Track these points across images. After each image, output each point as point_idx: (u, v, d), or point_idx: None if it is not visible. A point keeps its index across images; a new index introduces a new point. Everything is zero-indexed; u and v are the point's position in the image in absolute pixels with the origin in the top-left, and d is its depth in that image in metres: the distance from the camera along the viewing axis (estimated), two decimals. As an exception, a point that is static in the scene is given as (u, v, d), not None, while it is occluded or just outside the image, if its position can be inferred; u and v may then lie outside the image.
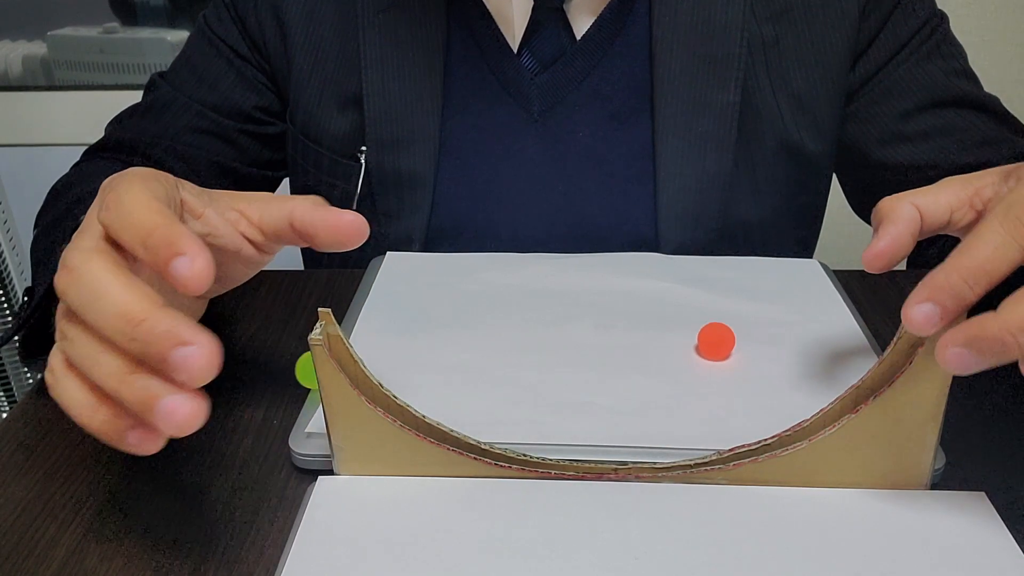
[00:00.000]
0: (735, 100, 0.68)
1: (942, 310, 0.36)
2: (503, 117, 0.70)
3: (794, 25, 0.68)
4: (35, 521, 0.43)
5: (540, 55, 0.69)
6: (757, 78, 0.69)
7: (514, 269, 0.63)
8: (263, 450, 0.48)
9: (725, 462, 0.42)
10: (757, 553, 0.38)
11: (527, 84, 0.69)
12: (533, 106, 0.70)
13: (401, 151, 0.70)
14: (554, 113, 0.70)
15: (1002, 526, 0.40)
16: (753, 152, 0.70)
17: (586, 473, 0.43)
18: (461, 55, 0.70)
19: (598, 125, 0.70)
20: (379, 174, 0.71)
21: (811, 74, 0.69)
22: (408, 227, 0.72)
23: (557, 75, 0.69)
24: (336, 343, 0.41)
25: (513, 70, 0.69)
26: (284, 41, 0.72)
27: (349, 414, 0.42)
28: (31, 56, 1.51)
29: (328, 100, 0.72)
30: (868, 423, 0.40)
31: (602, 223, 0.71)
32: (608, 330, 0.55)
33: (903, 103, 0.70)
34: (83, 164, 0.73)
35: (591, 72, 0.69)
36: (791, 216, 0.75)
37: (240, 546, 0.41)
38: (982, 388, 0.52)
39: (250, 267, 0.47)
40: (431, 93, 0.69)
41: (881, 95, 0.70)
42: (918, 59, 0.69)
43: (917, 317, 0.36)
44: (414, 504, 0.41)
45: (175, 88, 0.75)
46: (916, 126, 0.70)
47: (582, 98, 0.70)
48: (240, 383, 0.54)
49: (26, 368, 1.35)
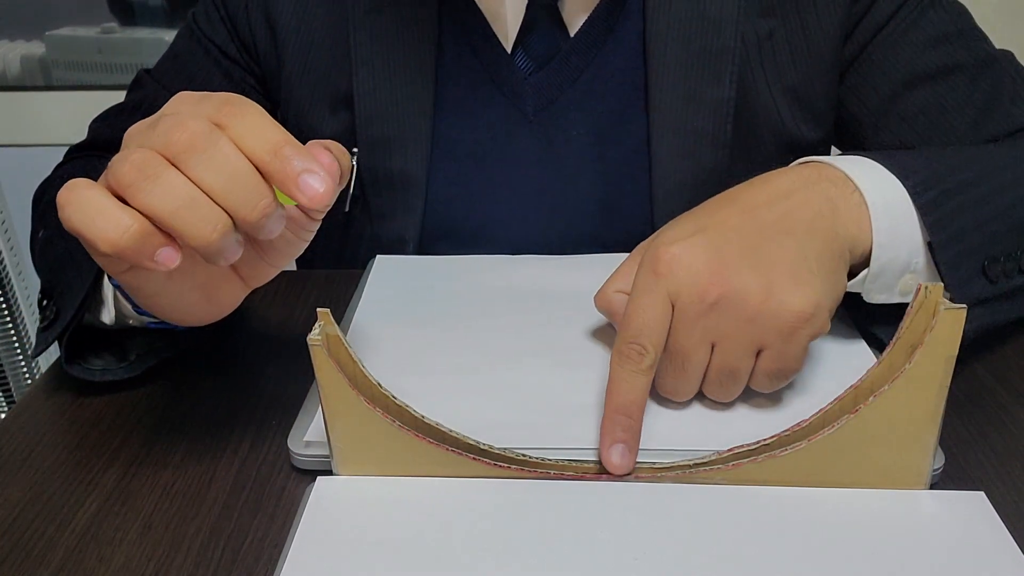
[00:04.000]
0: (730, 95, 0.67)
1: (623, 444, 0.43)
2: (497, 117, 0.70)
3: (787, 17, 0.68)
4: (34, 521, 0.43)
5: (534, 54, 0.69)
6: (753, 74, 0.68)
7: (506, 271, 0.63)
8: (263, 450, 0.48)
9: (725, 462, 0.42)
10: (757, 553, 0.38)
11: (521, 83, 0.69)
12: (527, 105, 0.69)
13: (393, 151, 0.70)
14: (548, 112, 0.70)
15: (1002, 526, 0.40)
16: (749, 148, 0.69)
17: (586, 473, 0.43)
18: (454, 55, 0.69)
19: (593, 123, 0.70)
20: (371, 175, 0.71)
21: (806, 65, 0.69)
22: (402, 227, 0.71)
23: (551, 74, 0.69)
24: (335, 343, 0.41)
25: (507, 69, 0.69)
26: (275, 42, 0.71)
27: (348, 414, 0.42)
28: (29, 56, 1.51)
29: (319, 101, 0.71)
30: (868, 423, 0.40)
31: (597, 221, 0.71)
32: (604, 331, 0.55)
33: (890, 79, 0.68)
34: (66, 166, 0.73)
35: (585, 70, 0.69)
36: None
37: (240, 546, 0.41)
38: (982, 388, 0.52)
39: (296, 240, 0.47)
40: (423, 93, 0.69)
41: (869, 72, 0.69)
42: (901, 31, 0.68)
43: (614, 459, 0.43)
44: (413, 504, 0.41)
45: (163, 86, 0.74)
46: (905, 105, 0.68)
47: (576, 96, 0.69)
48: (239, 383, 0.54)
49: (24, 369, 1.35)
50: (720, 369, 0.45)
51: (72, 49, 1.51)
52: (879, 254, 0.48)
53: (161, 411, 0.51)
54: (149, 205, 0.37)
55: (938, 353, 0.39)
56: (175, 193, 0.37)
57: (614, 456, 0.43)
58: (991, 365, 0.54)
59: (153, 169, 0.37)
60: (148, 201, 0.37)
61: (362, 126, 0.70)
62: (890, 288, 0.50)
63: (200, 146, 0.38)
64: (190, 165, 0.38)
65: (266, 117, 0.39)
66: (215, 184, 0.38)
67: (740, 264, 0.44)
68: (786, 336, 0.44)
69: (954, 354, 0.39)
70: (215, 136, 0.38)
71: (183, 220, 0.37)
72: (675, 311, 0.44)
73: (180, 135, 0.38)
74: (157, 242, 0.38)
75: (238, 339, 0.59)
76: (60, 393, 0.53)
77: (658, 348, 0.44)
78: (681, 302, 0.44)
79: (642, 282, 0.45)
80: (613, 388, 0.44)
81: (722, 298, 0.44)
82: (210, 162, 0.38)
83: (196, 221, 0.37)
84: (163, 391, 0.53)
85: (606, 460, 0.43)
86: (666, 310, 0.44)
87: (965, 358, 0.41)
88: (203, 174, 0.38)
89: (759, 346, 0.45)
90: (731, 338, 0.44)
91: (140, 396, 0.53)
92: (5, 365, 1.33)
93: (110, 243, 0.37)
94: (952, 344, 0.39)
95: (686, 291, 0.44)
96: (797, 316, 0.44)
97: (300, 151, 0.39)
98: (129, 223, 0.37)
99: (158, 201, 0.37)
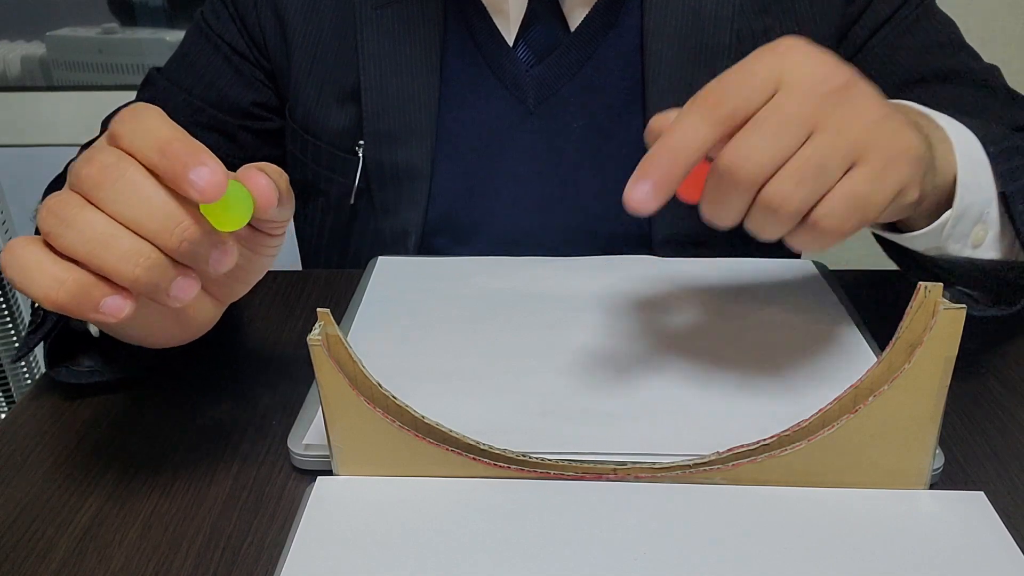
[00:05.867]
0: None
1: (653, 184, 0.38)
2: (499, 110, 0.71)
3: (782, 15, 0.69)
4: (34, 521, 0.43)
5: (535, 47, 0.70)
6: None
7: (507, 273, 0.63)
8: (263, 450, 0.48)
9: (724, 462, 0.42)
10: (757, 553, 0.38)
11: (522, 76, 0.70)
12: (528, 98, 0.70)
13: (398, 145, 0.71)
14: (549, 105, 0.71)
15: (1002, 526, 0.40)
16: None
17: (586, 473, 0.43)
18: (458, 49, 0.71)
19: (592, 116, 0.71)
20: (376, 168, 0.72)
21: None
22: (405, 221, 0.72)
23: (551, 67, 0.70)
24: (335, 343, 0.41)
25: (509, 63, 0.70)
26: (284, 37, 0.72)
27: (348, 415, 0.42)
28: (30, 56, 1.51)
29: (327, 95, 0.72)
30: (867, 423, 0.40)
31: (597, 213, 0.72)
32: (604, 334, 0.55)
33: (885, 82, 0.69)
34: None
35: (585, 64, 0.70)
36: None
37: (240, 546, 0.41)
38: (982, 388, 0.52)
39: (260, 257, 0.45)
40: (428, 87, 0.70)
41: (865, 75, 0.70)
42: (898, 34, 0.69)
43: (636, 195, 0.38)
44: (413, 504, 0.41)
45: (173, 83, 0.75)
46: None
47: (576, 90, 0.70)
48: (239, 384, 0.54)
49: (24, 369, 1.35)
50: (807, 161, 0.38)
51: (72, 49, 1.51)
52: (963, 193, 0.47)
53: (161, 411, 0.51)
54: (69, 249, 0.36)
55: (938, 353, 0.39)
56: (88, 233, 0.36)
57: (637, 191, 0.38)
58: (991, 365, 0.54)
59: (67, 211, 0.36)
60: (66, 244, 0.36)
61: (369, 120, 0.71)
62: (964, 237, 0.49)
63: (109, 177, 0.36)
64: (102, 200, 0.36)
65: (159, 119, 0.37)
66: (128, 215, 0.36)
67: (863, 81, 0.41)
68: (890, 161, 0.39)
69: (954, 354, 0.39)
70: (123, 165, 0.36)
71: (101, 259, 0.36)
72: (784, 86, 0.39)
73: (89, 170, 0.36)
74: (98, 293, 0.36)
75: (238, 339, 0.59)
76: (60, 394, 0.53)
77: (741, 109, 0.38)
78: (796, 77, 0.39)
79: (755, 55, 0.40)
80: (671, 128, 0.39)
81: (845, 88, 0.39)
82: (119, 193, 0.36)
83: (115, 259, 0.36)
84: (163, 391, 0.53)
85: (627, 195, 0.39)
86: (770, 85, 0.39)
87: (965, 358, 0.40)
88: (115, 207, 0.36)
89: (859, 157, 0.39)
90: (838, 131, 0.38)
91: (140, 397, 0.53)
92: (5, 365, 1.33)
93: (50, 301, 0.36)
94: (952, 344, 0.39)
95: (808, 69, 0.39)
96: (909, 146, 0.40)
97: (188, 146, 0.36)
98: (63, 277, 0.36)
99: (73, 244, 0.36)
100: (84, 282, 0.36)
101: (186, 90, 0.74)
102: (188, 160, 0.36)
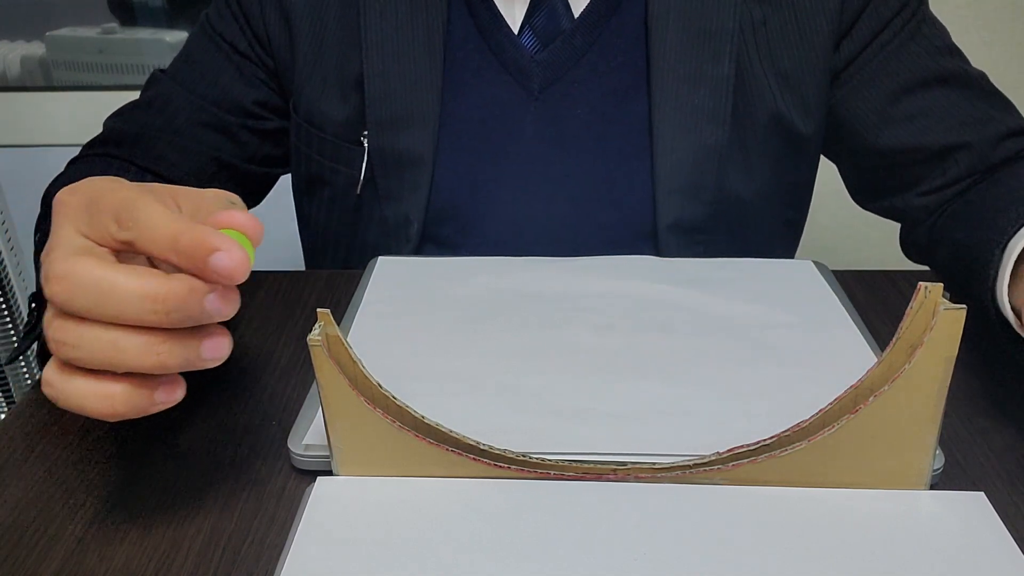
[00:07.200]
0: (729, 73, 0.69)
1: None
2: (503, 96, 0.71)
3: (780, 7, 0.70)
4: (35, 521, 0.43)
5: (540, 33, 0.70)
6: (748, 55, 0.70)
7: (507, 272, 0.63)
8: (263, 450, 0.48)
9: (724, 462, 0.42)
10: (757, 553, 0.38)
11: (527, 62, 0.70)
12: (533, 84, 0.71)
13: (401, 131, 0.71)
14: (553, 91, 0.71)
15: (1002, 526, 0.40)
16: (745, 127, 0.71)
17: (586, 473, 0.43)
18: (461, 36, 0.71)
19: (596, 102, 0.71)
20: (380, 155, 0.72)
21: (797, 54, 0.71)
22: (408, 208, 0.73)
23: (556, 53, 0.70)
24: (335, 344, 0.41)
25: (514, 49, 0.70)
26: (289, 33, 0.73)
27: (348, 415, 0.42)
28: (30, 56, 1.51)
29: (332, 86, 0.73)
30: (867, 423, 0.40)
31: (600, 199, 0.72)
32: (605, 334, 0.55)
33: (889, 85, 0.71)
34: (79, 163, 0.74)
35: (589, 49, 0.70)
36: (781, 194, 0.76)
37: (240, 546, 0.41)
38: (982, 388, 0.52)
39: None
40: (431, 73, 0.70)
41: (868, 78, 0.71)
42: (901, 40, 0.70)
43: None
44: (413, 505, 0.41)
45: (177, 83, 0.76)
46: (902, 108, 0.71)
47: (580, 75, 0.71)
48: (239, 383, 0.54)
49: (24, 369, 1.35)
50: None
51: (72, 49, 1.51)
52: None
53: (161, 412, 0.51)
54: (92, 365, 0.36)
55: (938, 353, 0.39)
56: (96, 347, 0.36)
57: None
58: (991, 365, 0.54)
59: (68, 336, 0.36)
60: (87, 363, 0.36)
61: (372, 107, 0.71)
62: None
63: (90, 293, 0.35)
64: (88, 311, 0.36)
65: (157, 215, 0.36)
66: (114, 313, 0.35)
67: None
68: None
69: (954, 354, 0.39)
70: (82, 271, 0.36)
71: (123, 364, 0.36)
72: None
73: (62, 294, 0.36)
74: (147, 392, 0.37)
75: (238, 339, 0.59)
76: (60, 393, 0.53)
77: None
78: None
79: None
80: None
81: None
82: (96, 298, 0.35)
83: (133, 358, 0.36)
84: (163, 391, 0.53)
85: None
86: None
87: (965, 358, 0.40)
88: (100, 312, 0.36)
89: None
90: None
91: (140, 396, 0.53)
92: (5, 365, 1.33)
93: (108, 417, 0.37)
94: (952, 344, 0.39)
95: None
96: None
97: (196, 238, 0.36)
98: (109, 392, 0.37)
99: (92, 362, 0.36)
100: (131, 389, 0.37)
101: (189, 88, 0.75)
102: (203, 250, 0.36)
